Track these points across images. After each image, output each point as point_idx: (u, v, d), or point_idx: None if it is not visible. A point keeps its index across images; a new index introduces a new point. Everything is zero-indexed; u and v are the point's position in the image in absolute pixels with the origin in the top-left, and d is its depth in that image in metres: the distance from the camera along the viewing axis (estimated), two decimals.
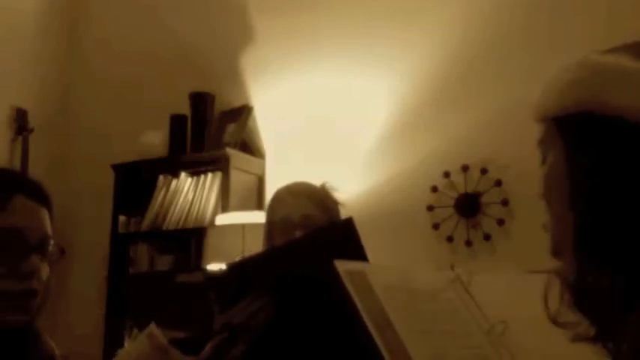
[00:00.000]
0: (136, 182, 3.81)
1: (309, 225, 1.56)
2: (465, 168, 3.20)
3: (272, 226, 1.64)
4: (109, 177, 3.89)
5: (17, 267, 1.11)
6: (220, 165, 3.55)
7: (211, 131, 3.78)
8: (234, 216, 3.29)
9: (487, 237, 3.14)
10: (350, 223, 1.28)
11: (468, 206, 3.19)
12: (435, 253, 3.19)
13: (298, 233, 1.54)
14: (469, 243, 3.17)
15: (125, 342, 3.47)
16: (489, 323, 0.98)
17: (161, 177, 3.73)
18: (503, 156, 3.13)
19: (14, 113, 3.99)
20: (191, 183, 3.64)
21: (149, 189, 3.73)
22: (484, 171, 3.16)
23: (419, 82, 3.37)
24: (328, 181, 1.70)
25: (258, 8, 3.89)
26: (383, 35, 3.49)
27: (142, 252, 3.72)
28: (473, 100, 3.25)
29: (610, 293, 0.74)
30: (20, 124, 3.97)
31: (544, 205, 0.84)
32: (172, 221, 3.64)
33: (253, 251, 1.82)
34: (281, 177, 3.14)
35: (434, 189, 3.25)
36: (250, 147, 3.76)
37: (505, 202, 3.11)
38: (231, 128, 3.74)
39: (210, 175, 3.59)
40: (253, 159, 3.71)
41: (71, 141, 4.31)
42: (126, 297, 3.41)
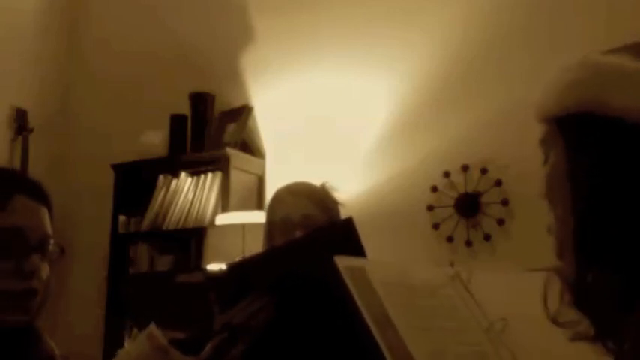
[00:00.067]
0: (136, 182, 3.81)
1: (309, 225, 1.55)
2: (465, 168, 3.20)
3: (272, 226, 1.63)
4: (109, 177, 3.89)
5: (18, 266, 1.11)
6: (220, 165, 3.55)
7: (211, 131, 3.78)
8: (234, 216, 3.29)
9: (487, 237, 3.14)
10: (350, 223, 1.28)
11: (468, 206, 3.19)
12: (435, 253, 3.19)
13: (298, 233, 1.54)
14: (469, 243, 3.17)
15: (125, 342, 3.47)
16: (489, 320, 0.98)
17: (161, 177, 3.73)
18: (503, 156, 3.13)
19: (14, 113, 3.99)
20: (191, 183, 3.64)
21: (149, 189, 3.73)
22: (484, 171, 3.16)
23: (419, 82, 3.37)
24: (328, 181, 1.69)
25: (258, 8, 3.89)
26: (383, 35, 3.49)
27: (142, 252, 3.72)
28: (473, 100, 3.25)
29: (610, 293, 0.74)
30: (20, 124, 3.97)
31: (546, 206, 0.84)
32: (172, 221, 3.64)
33: (253, 251, 1.81)
34: (281, 177, 3.14)
35: (434, 189, 3.25)
36: (250, 147, 3.76)
37: (505, 202, 3.11)
38: (231, 128, 3.74)
39: (210, 175, 3.59)
40: (253, 159, 3.71)
41: (71, 141, 4.31)
42: (125, 297, 3.41)
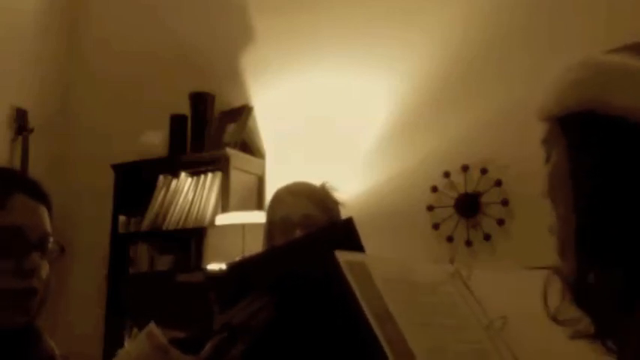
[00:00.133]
0: (136, 182, 3.81)
1: (309, 225, 1.55)
2: (465, 168, 3.20)
3: (272, 226, 1.63)
4: (109, 177, 3.89)
5: (18, 265, 1.11)
6: (220, 165, 3.55)
7: (211, 131, 3.78)
8: (234, 216, 3.29)
9: (487, 237, 3.14)
10: (350, 223, 1.28)
11: (468, 206, 3.19)
12: (435, 253, 3.19)
13: (298, 233, 1.54)
14: (469, 243, 3.17)
15: (125, 342, 3.47)
16: (488, 318, 0.98)
17: (161, 177, 3.73)
18: (503, 156, 3.13)
19: (14, 113, 3.99)
20: (191, 183, 3.64)
21: (149, 189, 3.73)
22: (484, 171, 3.16)
23: (419, 82, 3.37)
24: (328, 181, 1.69)
25: (258, 8, 3.89)
26: (383, 35, 3.49)
27: (142, 252, 3.72)
28: (473, 100, 3.25)
29: (610, 292, 0.74)
30: (20, 124, 3.97)
31: (547, 206, 0.84)
32: (172, 221, 3.64)
33: (253, 251, 1.81)
34: (281, 177, 3.14)
35: (434, 189, 3.25)
36: (250, 147, 3.76)
37: (505, 202, 3.11)
38: (231, 128, 3.74)
39: (210, 175, 3.59)
40: (253, 159, 3.71)
41: (71, 141, 4.31)
42: (125, 297, 3.41)
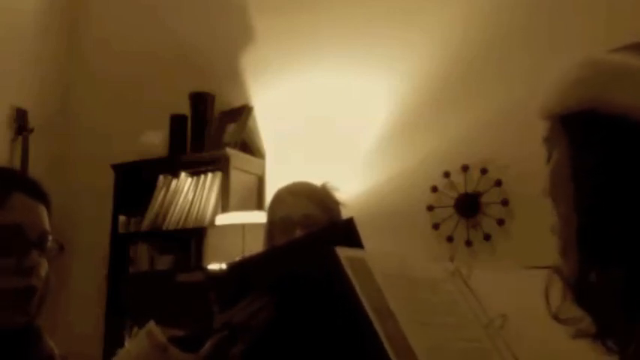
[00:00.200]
0: (136, 182, 3.81)
1: (309, 225, 1.55)
2: (465, 168, 3.20)
3: (272, 226, 1.63)
4: (109, 177, 3.89)
5: (18, 263, 1.11)
6: (220, 165, 3.55)
7: (211, 131, 3.78)
8: (234, 216, 3.29)
9: (487, 237, 3.14)
10: (351, 223, 1.27)
11: (468, 206, 3.19)
12: (435, 253, 3.19)
13: (299, 232, 1.54)
14: (469, 243, 3.17)
15: (125, 342, 3.47)
16: (488, 317, 0.98)
17: (161, 177, 3.73)
18: (503, 156, 3.13)
19: (14, 113, 3.99)
20: (191, 183, 3.64)
21: (149, 189, 3.73)
22: (484, 171, 3.16)
23: (419, 82, 3.37)
24: (329, 181, 1.69)
25: (258, 8, 3.89)
26: (383, 35, 3.49)
27: (142, 252, 3.72)
28: (473, 100, 3.25)
29: (612, 291, 0.74)
30: (20, 124, 3.97)
31: (547, 206, 0.84)
32: (172, 221, 3.64)
33: (253, 251, 1.81)
34: (281, 177, 3.14)
35: (434, 189, 3.25)
36: (250, 147, 3.76)
37: (505, 202, 3.11)
38: (231, 128, 3.74)
39: (210, 175, 3.59)
40: (253, 159, 3.71)
41: (71, 141, 4.31)
42: (125, 296, 3.40)
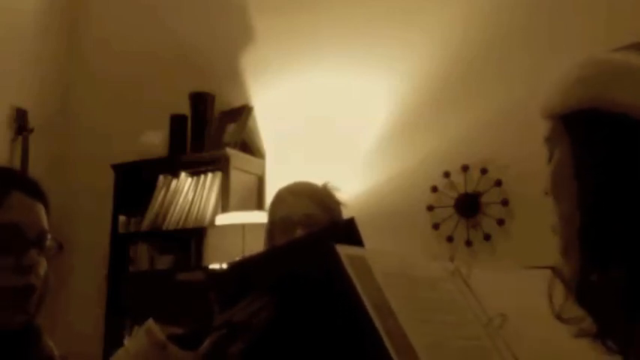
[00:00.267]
0: (136, 182, 3.81)
1: (310, 224, 1.55)
2: (465, 168, 3.20)
3: (273, 226, 1.63)
4: (109, 177, 3.89)
5: (17, 262, 1.11)
6: (220, 165, 3.55)
7: (211, 131, 3.78)
8: (234, 216, 3.29)
9: (487, 237, 3.14)
10: (352, 223, 1.27)
11: (468, 206, 3.19)
12: (435, 253, 3.19)
13: (299, 232, 1.54)
14: (469, 243, 3.17)
15: (125, 341, 3.47)
16: (488, 316, 0.98)
17: (161, 177, 3.73)
18: (503, 156, 3.13)
19: (14, 113, 3.99)
20: (191, 183, 3.64)
21: (149, 189, 3.73)
22: (484, 171, 3.16)
23: (419, 82, 3.37)
24: (330, 181, 1.69)
25: (258, 8, 3.89)
26: (383, 35, 3.49)
27: (142, 252, 3.72)
28: (473, 100, 3.25)
29: (613, 291, 0.74)
30: (20, 124, 3.97)
31: (547, 206, 0.84)
32: (172, 221, 3.64)
33: (253, 251, 1.81)
34: (281, 177, 3.14)
35: (434, 189, 3.25)
36: (250, 147, 3.76)
37: (505, 202, 3.11)
38: (231, 128, 3.74)
39: (210, 175, 3.59)
40: (253, 159, 3.71)
41: (71, 141, 4.31)
42: (125, 295, 3.41)
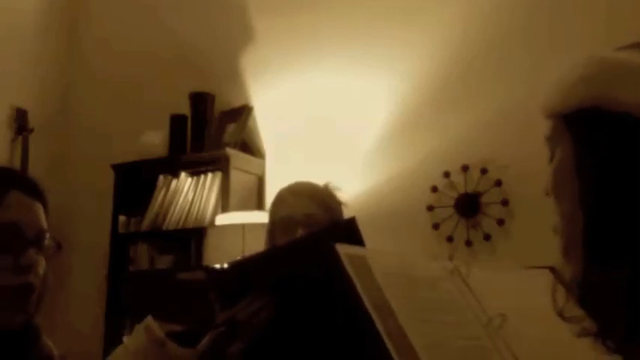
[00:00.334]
0: (136, 182, 3.81)
1: (311, 224, 1.54)
2: (465, 168, 3.20)
3: (274, 226, 1.62)
4: (109, 177, 3.89)
5: (15, 261, 1.11)
6: (220, 165, 3.55)
7: (211, 131, 3.78)
8: (234, 216, 3.29)
9: (487, 237, 3.14)
10: (353, 223, 1.27)
11: (468, 206, 3.19)
12: (435, 253, 3.19)
13: (300, 232, 1.53)
14: (469, 243, 3.17)
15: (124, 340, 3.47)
16: (487, 316, 0.98)
17: (161, 177, 3.73)
18: (503, 156, 3.13)
19: (14, 113, 3.99)
20: (191, 183, 3.64)
21: (149, 189, 3.73)
22: (484, 171, 3.16)
23: (419, 82, 3.37)
24: (331, 181, 1.69)
25: (258, 8, 3.89)
26: (383, 35, 3.49)
27: (142, 252, 3.72)
28: (473, 100, 3.25)
29: (615, 290, 0.74)
30: (20, 124, 3.97)
31: (548, 205, 0.84)
32: (172, 221, 3.64)
33: (253, 251, 1.81)
34: (281, 177, 3.14)
35: (434, 189, 3.25)
36: (250, 147, 3.76)
37: (505, 202, 3.11)
38: (231, 128, 3.74)
39: (210, 175, 3.59)
40: (253, 159, 3.71)
41: (71, 141, 4.31)
42: (125, 295, 3.41)
